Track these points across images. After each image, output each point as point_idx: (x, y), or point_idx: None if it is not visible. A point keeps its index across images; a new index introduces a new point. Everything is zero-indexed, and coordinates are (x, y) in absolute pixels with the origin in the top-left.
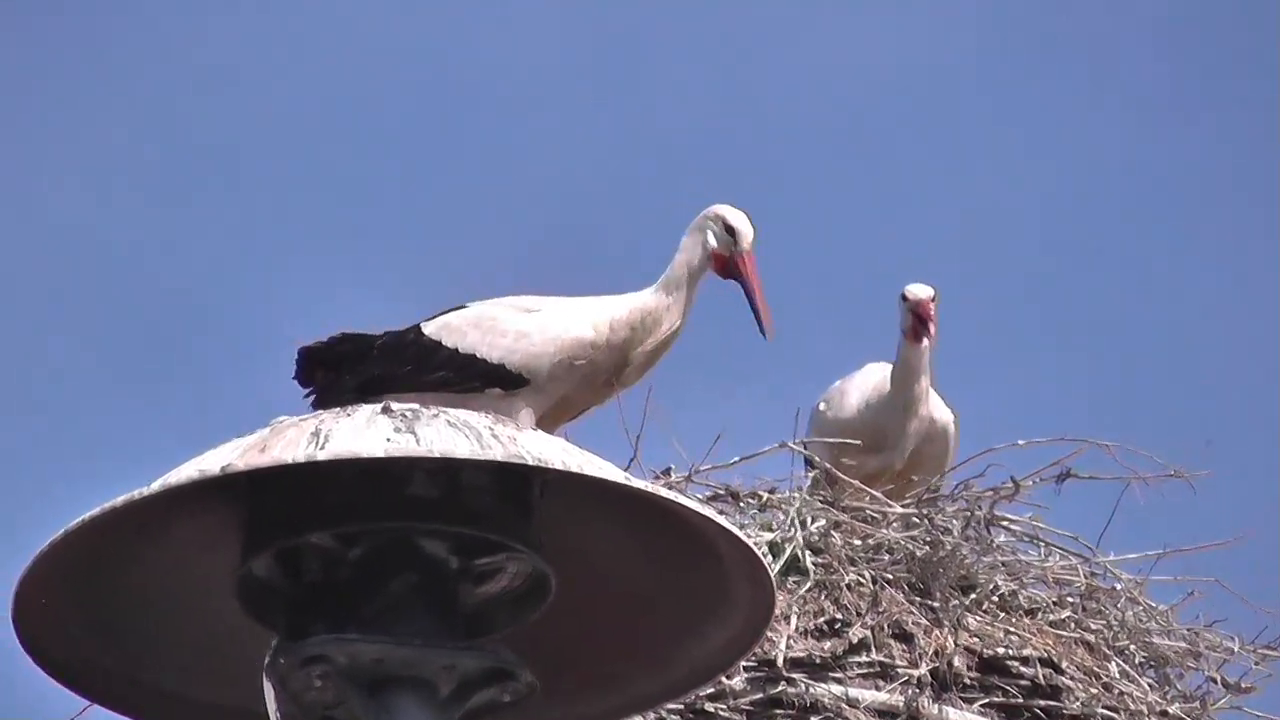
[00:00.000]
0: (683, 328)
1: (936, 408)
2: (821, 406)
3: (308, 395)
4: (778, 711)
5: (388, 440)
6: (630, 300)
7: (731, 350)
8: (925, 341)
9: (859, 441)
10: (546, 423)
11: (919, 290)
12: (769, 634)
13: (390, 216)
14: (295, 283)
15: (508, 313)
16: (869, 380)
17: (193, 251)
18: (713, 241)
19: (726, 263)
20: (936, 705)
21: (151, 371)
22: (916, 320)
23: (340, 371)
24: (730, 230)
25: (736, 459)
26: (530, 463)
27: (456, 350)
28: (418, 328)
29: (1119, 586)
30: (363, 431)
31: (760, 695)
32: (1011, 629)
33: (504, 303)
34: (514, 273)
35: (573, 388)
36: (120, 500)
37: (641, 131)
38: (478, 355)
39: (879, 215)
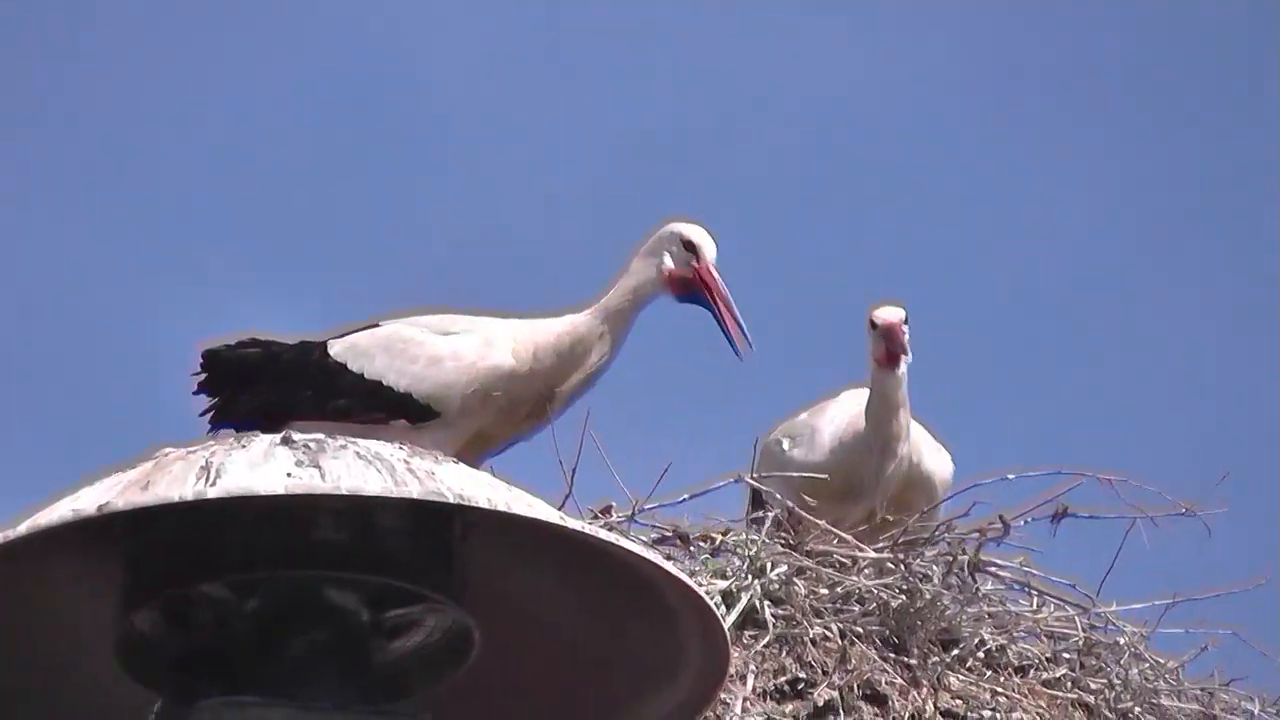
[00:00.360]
0: (612, 361)
1: (925, 451)
2: (785, 444)
3: (203, 414)
4: None
5: (288, 475)
6: (560, 324)
7: (681, 371)
8: (900, 368)
9: (826, 476)
10: (462, 458)
11: (887, 314)
12: (723, 696)
13: (299, 216)
14: (184, 290)
15: (421, 334)
16: (843, 414)
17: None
18: (669, 263)
19: (686, 283)
20: None
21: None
22: (888, 346)
23: (241, 386)
24: (689, 246)
25: (685, 495)
26: (451, 500)
27: (362, 375)
28: (324, 346)
29: (1122, 640)
30: (260, 465)
31: None
32: (999, 689)
33: (420, 322)
34: (444, 286)
35: (489, 421)
36: None
37: (594, 137)
38: (384, 383)
39: (850, 228)
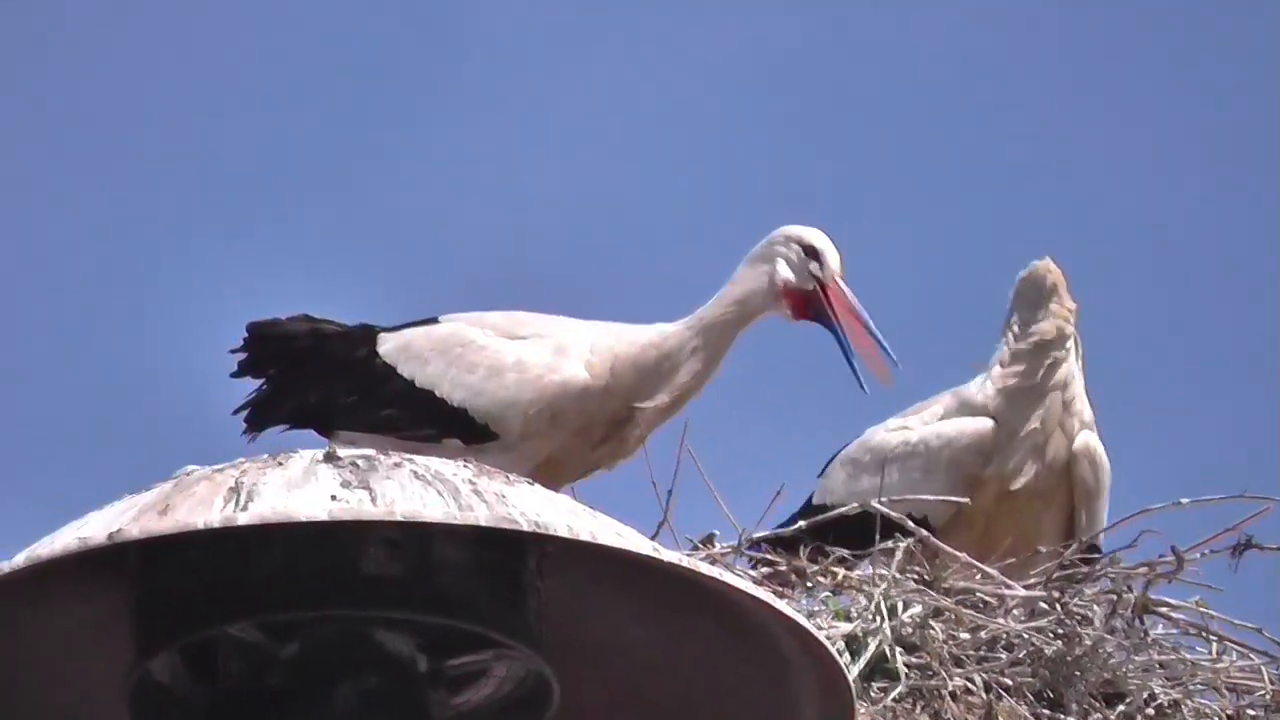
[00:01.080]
0: (706, 382)
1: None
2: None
3: (237, 411)
4: None
5: (333, 499)
6: (646, 334)
7: (798, 379)
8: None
9: (966, 500)
10: None
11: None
12: None
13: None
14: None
15: (484, 337)
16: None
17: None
18: (786, 273)
19: (807, 298)
20: None
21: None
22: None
23: (286, 370)
24: (812, 253)
25: (801, 524)
26: (526, 528)
27: (412, 382)
28: (373, 340)
29: None
30: (299, 487)
31: None
32: None
33: (486, 321)
34: (507, 283)
35: (558, 446)
36: None
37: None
38: (436, 393)
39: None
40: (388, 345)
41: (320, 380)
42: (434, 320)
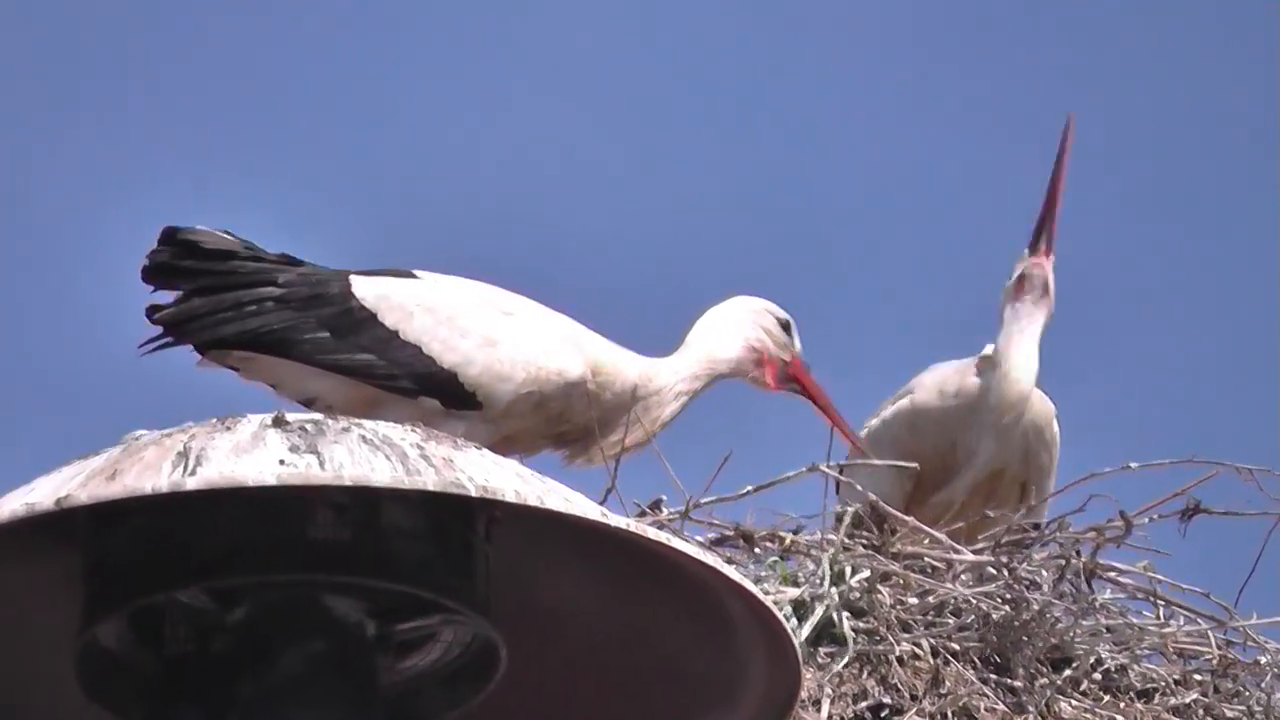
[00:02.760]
0: (667, 426)
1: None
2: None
3: (154, 317)
4: None
5: (281, 463)
6: (632, 360)
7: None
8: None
9: (916, 465)
10: None
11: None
12: None
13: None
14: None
15: (476, 304)
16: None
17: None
18: (769, 345)
19: (780, 368)
20: None
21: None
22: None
23: (201, 297)
24: (787, 328)
25: (749, 488)
26: (474, 493)
27: (397, 334)
28: (345, 281)
29: (1264, 659)
30: (247, 451)
31: None
32: (1119, 717)
33: (470, 287)
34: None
35: (524, 429)
36: None
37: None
38: (424, 350)
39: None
40: (365, 290)
41: (286, 306)
42: (409, 274)
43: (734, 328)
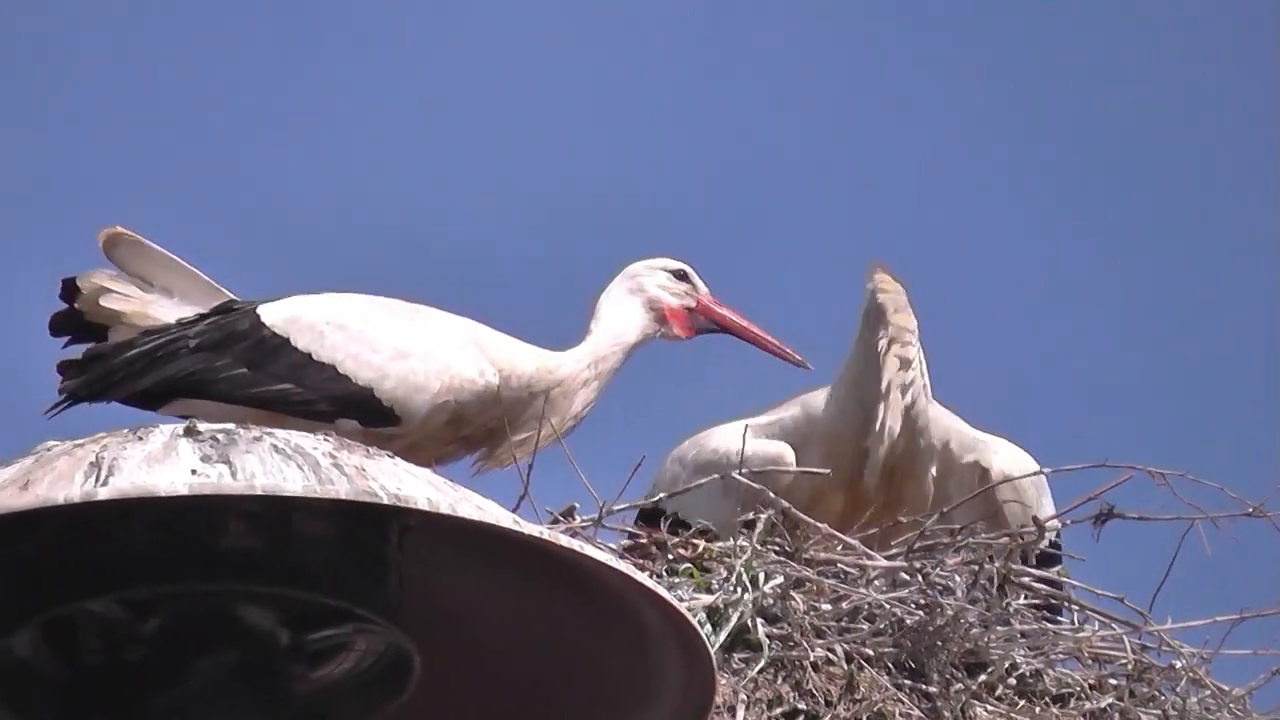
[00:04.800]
0: (587, 415)
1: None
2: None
3: (64, 374)
4: None
5: (193, 473)
6: (532, 355)
7: (652, 354)
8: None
9: (828, 471)
10: None
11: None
12: None
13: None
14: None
15: (384, 315)
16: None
17: None
18: (664, 295)
19: (688, 315)
20: None
21: None
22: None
23: (109, 354)
24: (681, 275)
25: (661, 495)
26: (386, 501)
27: (310, 357)
28: (254, 313)
29: (1179, 664)
30: (159, 461)
31: None
32: None
33: (375, 302)
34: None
35: (427, 435)
36: None
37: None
38: (339, 370)
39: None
40: (273, 316)
41: (200, 348)
42: (315, 293)
43: (627, 296)
